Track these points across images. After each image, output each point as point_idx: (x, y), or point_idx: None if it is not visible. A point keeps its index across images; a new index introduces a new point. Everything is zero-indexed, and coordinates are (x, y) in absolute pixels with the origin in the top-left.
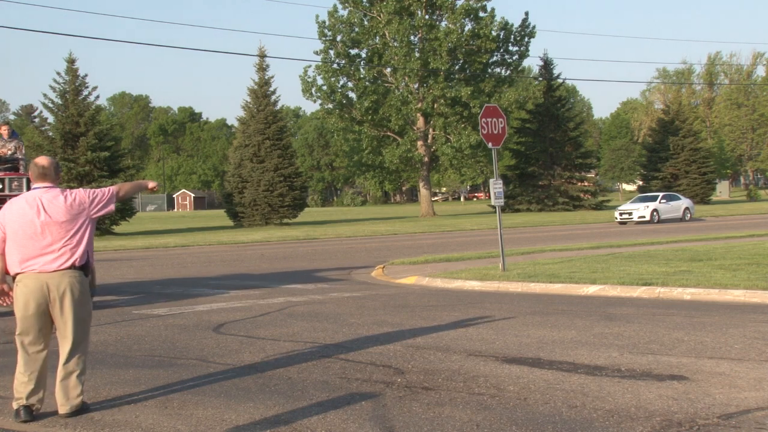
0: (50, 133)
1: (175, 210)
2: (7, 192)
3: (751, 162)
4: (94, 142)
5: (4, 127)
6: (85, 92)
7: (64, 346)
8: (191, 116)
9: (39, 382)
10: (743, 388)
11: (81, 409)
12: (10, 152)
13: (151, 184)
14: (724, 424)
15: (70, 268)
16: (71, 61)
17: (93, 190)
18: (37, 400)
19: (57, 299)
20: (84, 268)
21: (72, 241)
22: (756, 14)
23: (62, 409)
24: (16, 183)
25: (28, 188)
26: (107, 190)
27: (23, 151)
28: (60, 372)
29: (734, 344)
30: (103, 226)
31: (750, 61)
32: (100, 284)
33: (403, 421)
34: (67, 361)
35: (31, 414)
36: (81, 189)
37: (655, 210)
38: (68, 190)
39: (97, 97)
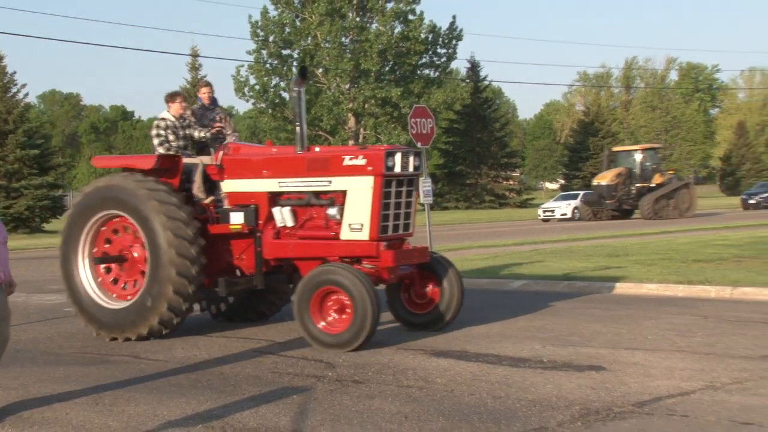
0: None
1: None
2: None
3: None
4: (23, 140)
5: (205, 89)
6: (14, 89)
7: None
8: (123, 114)
9: None
10: (656, 377)
11: None
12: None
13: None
14: (638, 412)
15: None
16: None
17: None
18: None
19: None
20: None
21: None
22: (669, 21)
23: None
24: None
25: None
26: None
27: (233, 125)
28: None
29: (648, 335)
30: (33, 224)
31: (664, 65)
32: (29, 281)
33: (334, 414)
34: None
35: None
36: None
37: (576, 208)
38: None
39: (26, 94)
